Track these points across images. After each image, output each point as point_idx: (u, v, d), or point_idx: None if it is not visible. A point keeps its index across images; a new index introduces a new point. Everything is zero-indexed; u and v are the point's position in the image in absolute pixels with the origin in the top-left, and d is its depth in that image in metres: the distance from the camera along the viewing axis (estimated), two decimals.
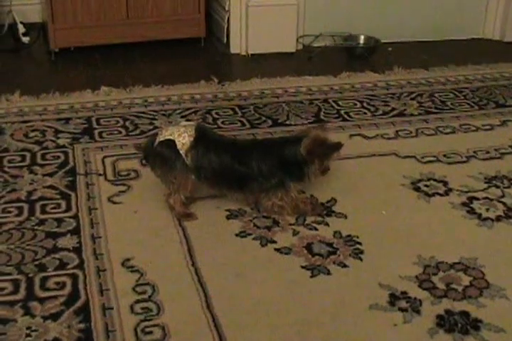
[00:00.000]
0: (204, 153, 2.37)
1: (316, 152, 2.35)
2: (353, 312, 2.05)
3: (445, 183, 2.72)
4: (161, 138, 2.41)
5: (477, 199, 2.62)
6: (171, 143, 2.37)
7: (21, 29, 4.14)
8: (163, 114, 3.24)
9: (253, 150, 2.42)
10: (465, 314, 2.04)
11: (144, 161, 2.58)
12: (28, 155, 2.86)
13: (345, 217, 2.50)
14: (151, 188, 2.57)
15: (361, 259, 2.28)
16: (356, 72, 3.80)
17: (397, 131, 3.13)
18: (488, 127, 3.20)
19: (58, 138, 3.01)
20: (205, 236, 2.38)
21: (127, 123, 3.15)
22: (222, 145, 2.42)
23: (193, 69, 3.90)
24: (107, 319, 1.99)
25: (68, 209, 2.51)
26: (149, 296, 2.08)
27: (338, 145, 2.38)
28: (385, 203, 2.59)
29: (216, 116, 3.24)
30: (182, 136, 2.38)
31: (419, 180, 2.73)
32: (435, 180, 2.74)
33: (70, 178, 2.70)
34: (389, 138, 3.07)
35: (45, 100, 3.37)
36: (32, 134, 3.03)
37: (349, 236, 2.39)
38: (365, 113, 3.32)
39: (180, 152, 2.37)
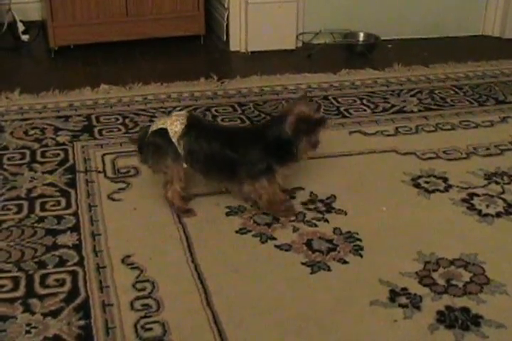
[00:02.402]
0: (195, 139, 2.38)
1: (301, 129, 2.31)
2: (354, 308, 2.05)
3: (445, 180, 2.72)
4: (153, 127, 2.43)
5: (477, 195, 2.62)
6: (163, 132, 2.39)
7: (21, 27, 4.13)
8: (163, 112, 3.23)
9: (241, 136, 2.43)
10: (465, 310, 2.04)
11: (138, 153, 2.55)
12: (27, 152, 2.86)
13: (345, 213, 2.50)
14: (151, 185, 2.57)
15: (361, 256, 2.28)
16: (356, 69, 3.80)
17: (397, 128, 3.13)
18: (488, 124, 3.20)
19: (58, 135, 3.01)
20: (205, 233, 2.38)
21: (127, 121, 3.15)
22: (213, 131, 2.44)
23: (193, 66, 3.90)
24: (107, 316, 1.99)
25: (68, 206, 2.51)
26: (149, 293, 2.08)
27: (322, 120, 2.34)
28: (385, 200, 2.59)
29: (216, 114, 3.24)
30: (174, 124, 2.39)
31: (419, 177, 2.73)
32: (435, 176, 2.74)
33: (70, 176, 2.70)
34: (389, 135, 3.07)
35: (45, 98, 3.37)
36: (32, 132, 3.03)
37: (349, 232, 2.39)
38: (364, 110, 3.32)
39: (173, 140, 2.38)
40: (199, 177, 2.50)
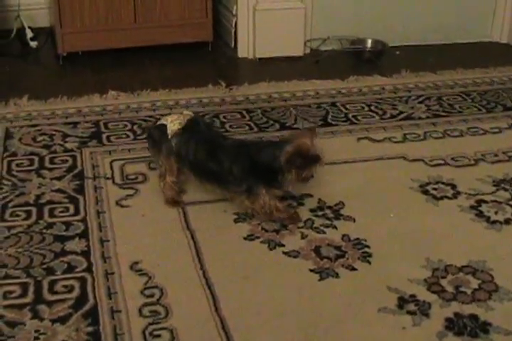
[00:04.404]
0: (185, 143, 2.43)
1: (295, 162, 2.29)
2: (362, 315, 2.05)
3: (453, 186, 2.71)
4: (158, 122, 2.53)
5: (485, 202, 2.61)
6: (163, 128, 2.46)
7: (29, 34, 4.14)
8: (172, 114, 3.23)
9: (230, 150, 2.42)
10: (474, 317, 2.03)
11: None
12: (36, 159, 2.87)
13: (354, 220, 2.50)
14: (159, 192, 2.57)
15: (369, 262, 2.28)
16: (364, 76, 3.79)
17: (405, 135, 3.12)
18: (496, 130, 3.19)
19: (66, 142, 3.02)
20: (213, 240, 2.38)
21: (135, 127, 3.16)
22: (204, 139, 2.45)
23: (201, 73, 3.90)
24: (115, 322, 2.00)
25: (76, 212, 2.52)
26: (157, 299, 2.08)
27: (318, 158, 2.31)
28: (393, 206, 2.59)
29: (224, 120, 3.25)
30: (174, 122, 2.46)
31: (428, 183, 2.73)
32: (443, 183, 2.74)
33: (78, 182, 2.70)
34: (397, 142, 3.06)
35: (53, 104, 3.37)
36: (40, 138, 3.04)
37: (357, 239, 2.39)
38: (372, 116, 3.32)
39: (169, 137, 2.44)
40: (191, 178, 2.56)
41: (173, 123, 2.46)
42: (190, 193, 2.63)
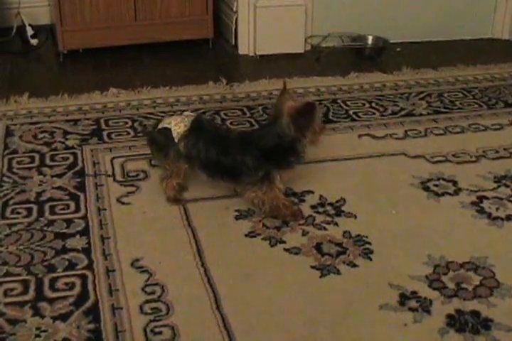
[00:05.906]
0: (194, 144, 2.42)
1: (302, 124, 2.31)
2: (363, 312, 2.04)
3: (454, 183, 2.71)
4: (160, 125, 2.49)
5: (487, 198, 2.61)
6: (167, 132, 2.44)
7: (30, 31, 4.14)
8: (172, 115, 3.22)
9: (237, 143, 2.42)
10: (475, 313, 2.03)
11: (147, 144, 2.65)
12: (36, 156, 2.87)
13: (355, 216, 2.50)
14: (160, 189, 2.56)
15: (371, 259, 2.27)
16: (365, 73, 3.79)
17: (406, 131, 3.12)
18: (497, 126, 3.19)
19: (67, 139, 3.01)
20: (215, 237, 2.38)
21: (136, 125, 3.15)
22: (212, 137, 2.44)
23: (202, 70, 3.90)
24: (117, 319, 2.00)
25: (77, 210, 2.51)
26: (158, 296, 2.08)
27: (311, 106, 2.33)
28: (395, 203, 2.58)
29: (225, 117, 3.24)
30: (178, 125, 2.44)
31: (429, 180, 2.72)
32: (444, 179, 2.73)
33: (79, 179, 2.70)
34: (398, 138, 3.06)
35: (54, 102, 3.37)
36: (41, 136, 3.04)
37: (358, 235, 2.38)
38: (373, 113, 3.31)
39: (175, 140, 2.42)
40: (203, 177, 2.52)
41: (177, 126, 2.43)
42: (191, 190, 2.62)
